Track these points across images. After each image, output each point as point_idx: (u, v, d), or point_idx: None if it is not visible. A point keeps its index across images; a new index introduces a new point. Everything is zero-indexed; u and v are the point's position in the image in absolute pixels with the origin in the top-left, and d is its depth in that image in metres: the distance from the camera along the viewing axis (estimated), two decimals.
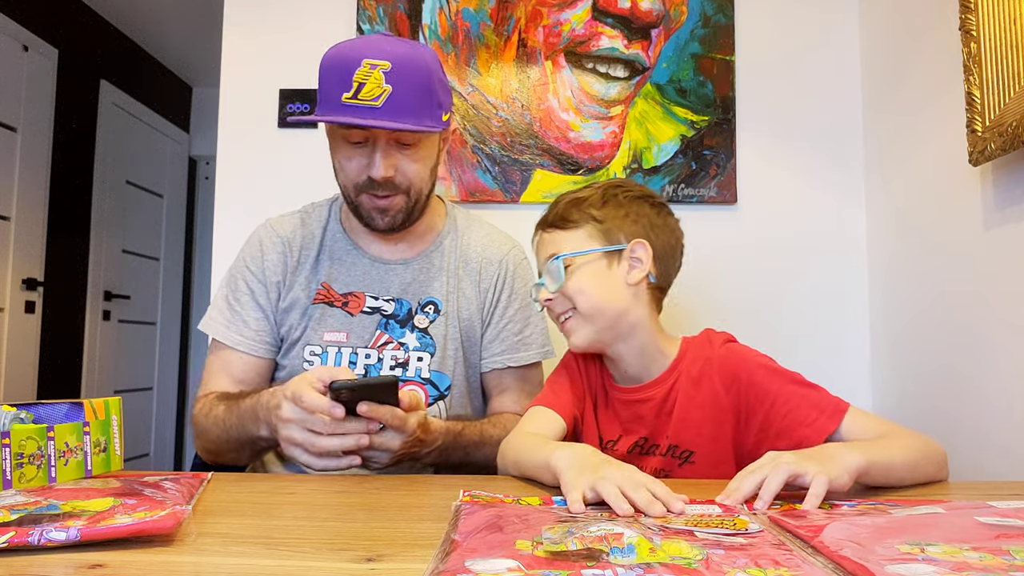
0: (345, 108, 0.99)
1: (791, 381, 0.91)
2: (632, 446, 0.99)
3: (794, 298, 1.67)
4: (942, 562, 0.47)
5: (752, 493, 0.68)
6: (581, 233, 0.98)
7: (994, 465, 1.15)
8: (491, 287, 1.18)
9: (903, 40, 1.49)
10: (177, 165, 4.19)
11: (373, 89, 0.98)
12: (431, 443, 0.97)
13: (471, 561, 0.47)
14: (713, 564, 0.47)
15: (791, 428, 0.87)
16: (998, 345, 1.16)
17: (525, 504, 0.67)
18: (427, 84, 1.02)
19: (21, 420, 0.73)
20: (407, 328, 1.12)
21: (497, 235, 1.24)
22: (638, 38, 1.70)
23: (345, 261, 1.15)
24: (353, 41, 1.03)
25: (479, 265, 1.19)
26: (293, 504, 0.73)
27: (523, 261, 1.23)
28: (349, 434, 0.87)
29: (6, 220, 2.81)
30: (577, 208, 0.99)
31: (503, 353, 1.17)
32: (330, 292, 1.13)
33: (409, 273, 1.15)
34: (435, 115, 1.04)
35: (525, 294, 1.20)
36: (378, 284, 1.14)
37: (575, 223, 0.99)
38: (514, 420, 1.10)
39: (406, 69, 1.00)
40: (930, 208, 1.37)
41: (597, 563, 0.47)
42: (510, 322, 1.18)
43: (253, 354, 1.12)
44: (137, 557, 0.51)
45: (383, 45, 1.01)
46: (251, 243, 1.18)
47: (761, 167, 1.69)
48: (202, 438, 1.06)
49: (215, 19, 1.86)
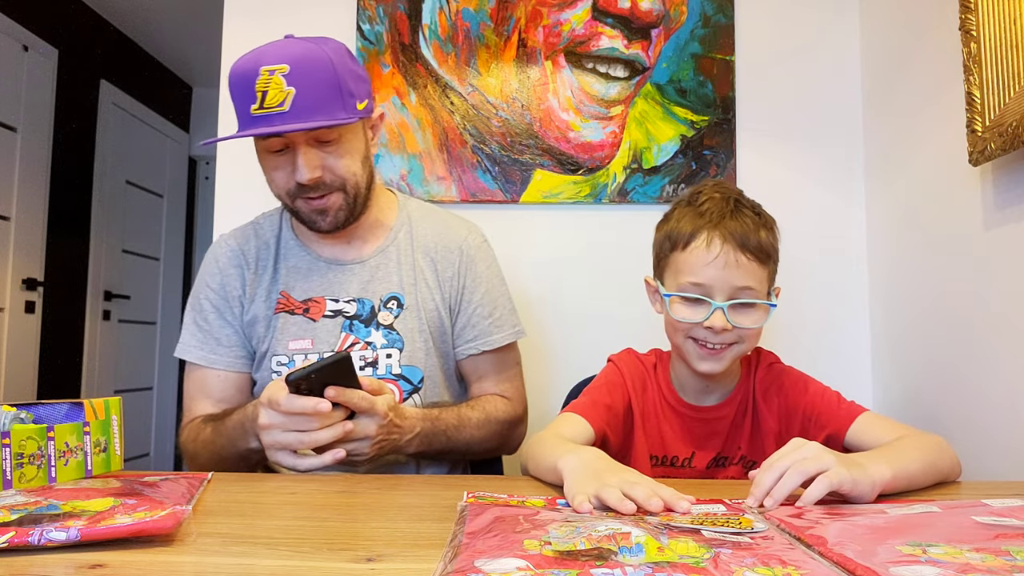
0: (255, 120, 0.98)
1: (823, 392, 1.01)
2: (710, 462, 1.03)
3: (794, 298, 1.67)
4: (945, 563, 0.47)
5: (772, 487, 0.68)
6: (767, 273, 0.97)
7: (995, 465, 1.15)
8: (454, 275, 1.17)
9: (903, 40, 1.49)
10: (177, 165, 4.19)
11: (276, 95, 0.97)
12: (409, 429, 0.98)
13: (480, 561, 0.47)
14: (721, 563, 0.47)
15: (820, 428, 0.96)
16: (998, 345, 1.16)
17: (530, 505, 0.67)
18: (331, 78, 1.00)
19: (21, 420, 0.73)
20: (372, 327, 1.12)
21: (453, 221, 1.22)
22: (638, 38, 1.70)
23: (300, 268, 1.14)
24: (252, 52, 1.02)
25: (437, 254, 1.17)
26: (293, 504, 0.72)
27: (482, 244, 1.22)
28: (333, 424, 0.87)
29: (6, 220, 2.81)
30: (772, 236, 0.98)
31: (476, 339, 1.16)
32: (289, 300, 1.12)
33: (366, 271, 1.14)
34: (348, 105, 1.02)
35: (488, 276, 1.19)
36: (336, 286, 1.13)
37: (769, 259, 0.97)
38: (495, 401, 1.13)
39: (305, 68, 0.98)
40: (930, 208, 1.37)
41: (606, 562, 0.47)
42: (478, 307, 1.17)
43: (230, 370, 1.12)
44: (137, 557, 0.51)
45: (280, 49, 1.00)
46: (207, 263, 1.17)
47: (761, 167, 1.69)
48: (194, 463, 1.06)
49: (215, 19, 1.86)
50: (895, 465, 0.74)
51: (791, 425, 1.01)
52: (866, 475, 0.70)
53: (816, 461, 0.69)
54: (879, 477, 0.71)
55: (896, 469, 0.74)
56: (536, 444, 0.90)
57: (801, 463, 0.69)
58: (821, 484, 0.67)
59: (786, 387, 1.02)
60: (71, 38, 3.21)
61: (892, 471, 0.73)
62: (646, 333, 1.22)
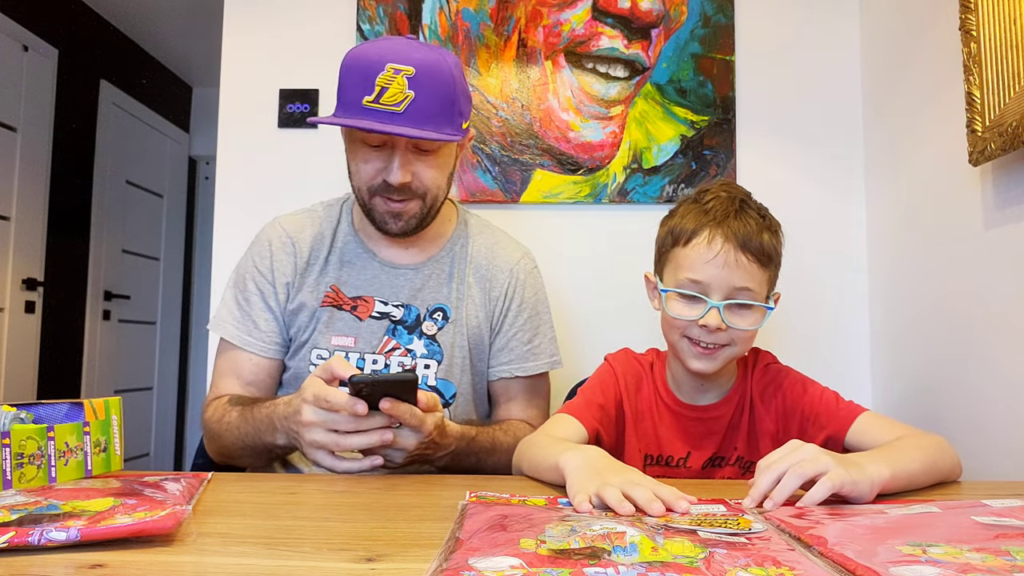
0: (366, 112, 0.98)
1: (822, 392, 1.00)
2: (706, 462, 1.03)
3: (794, 298, 1.67)
4: (946, 564, 0.47)
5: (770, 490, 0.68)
6: (768, 277, 0.97)
7: (995, 465, 1.15)
8: (501, 295, 1.16)
9: (903, 40, 1.49)
10: (177, 165, 4.19)
11: (396, 94, 0.97)
12: (445, 447, 0.96)
13: (474, 559, 0.47)
14: (715, 563, 0.47)
15: (819, 429, 0.96)
16: (998, 345, 1.16)
17: (531, 504, 0.67)
18: (450, 93, 1.01)
19: (21, 420, 0.73)
20: (415, 335, 1.11)
21: (508, 242, 1.22)
22: (638, 38, 1.70)
23: (355, 264, 1.14)
24: (377, 43, 1.02)
25: (489, 272, 1.17)
26: (293, 504, 0.72)
27: (533, 270, 1.22)
28: (372, 430, 0.86)
29: (6, 220, 2.80)
30: (776, 239, 0.98)
31: (512, 362, 1.16)
32: (339, 295, 1.12)
33: (419, 278, 1.14)
34: (455, 123, 1.03)
35: (535, 303, 1.19)
36: (388, 289, 1.13)
37: (771, 262, 0.97)
38: (524, 428, 1.10)
39: (430, 76, 0.99)
40: (930, 208, 1.37)
41: (599, 561, 0.47)
42: (519, 331, 1.17)
43: (264, 355, 1.11)
44: (137, 557, 0.51)
45: (408, 51, 0.99)
46: (260, 242, 1.16)
47: (761, 167, 1.69)
48: (215, 443, 1.06)
49: (215, 19, 1.86)
50: (894, 465, 0.74)
51: (789, 426, 1.01)
52: (864, 475, 0.70)
53: (815, 463, 0.69)
54: (877, 477, 0.71)
55: (895, 468, 0.74)
56: (530, 445, 0.90)
57: (799, 465, 0.69)
58: (823, 487, 0.67)
59: (784, 388, 1.02)
60: (71, 38, 3.21)
61: (891, 471, 0.73)
62: (646, 333, 1.22)
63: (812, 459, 0.69)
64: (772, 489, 0.68)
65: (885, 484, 0.72)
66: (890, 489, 0.73)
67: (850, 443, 0.93)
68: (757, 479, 0.70)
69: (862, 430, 0.92)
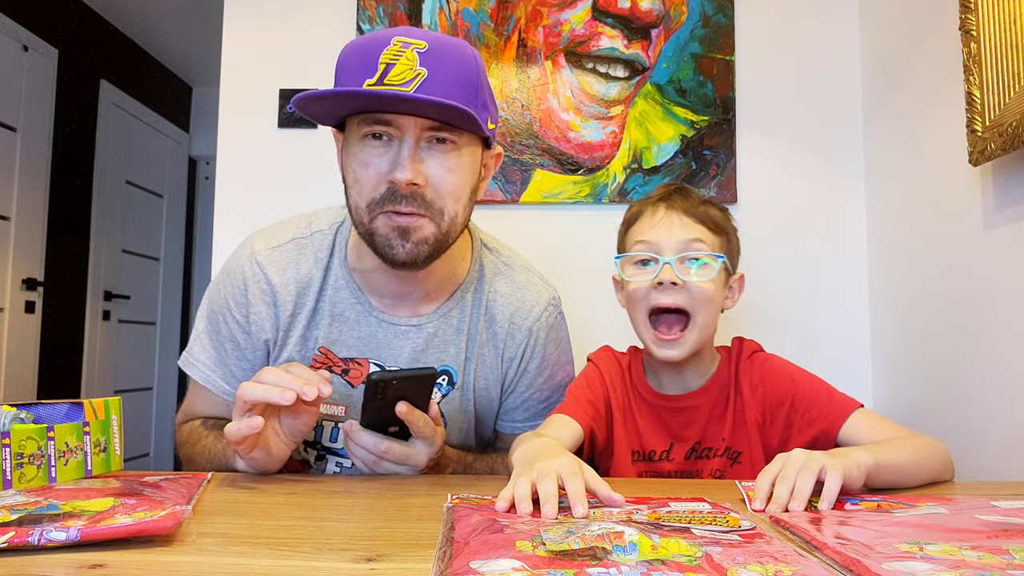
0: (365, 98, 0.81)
1: (811, 383, 0.98)
2: (688, 452, 1.01)
3: (794, 298, 1.67)
4: (939, 560, 0.47)
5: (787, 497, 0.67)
6: (720, 242, 0.99)
7: (995, 465, 1.15)
8: (517, 356, 1.03)
9: (903, 40, 1.49)
10: (177, 165, 4.19)
11: (403, 71, 0.79)
12: (443, 468, 0.94)
13: (475, 562, 0.47)
14: (714, 561, 0.47)
15: (809, 424, 0.95)
16: (998, 345, 1.16)
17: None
18: (472, 77, 0.83)
19: (21, 420, 0.73)
20: None
21: (530, 288, 1.05)
22: (638, 38, 1.70)
23: (348, 319, 0.97)
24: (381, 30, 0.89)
25: (505, 331, 1.02)
26: (293, 504, 0.72)
27: (555, 324, 1.07)
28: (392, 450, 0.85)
29: (6, 220, 2.81)
30: (724, 217, 1.02)
31: (526, 420, 1.06)
32: (329, 357, 0.97)
33: (422, 337, 0.98)
34: (481, 115, 0.83)
35: (557, 358, 1.08)
36: (385, 350, 0.97)
37: (719, 229, 0.99)
38: None
39: (445, 54, 0.81)
40: (930, 208, 1.37)
41: (601, 561, 0.47)
42: (537, 391, 1.06)
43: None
44: (137, 557, 0.51)
45: (420, 31, 0.84)
46: (233, 278, 0.99)
47: (761, 167, 1.69)
48: (189, 465, 1.00)
49: (215, 19, 1.86)
50: (878, 455, 0.75)
51: (776, 416, 0.98)
52: (852, 461, 0.71)
53: (815, 462, 0.69)
54: (862, 461, 0.72)
55: (879, 458, 0.74)
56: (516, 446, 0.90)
57: (804, 467, 0.69)
58: (834, 479, 0.67)
59: (769, 377, 1.00)
60: (71, 38, 3.21)
61: (875, 459, 0.74)
62: None
63: (810, 459, 0.70)
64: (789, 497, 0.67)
65: (869, 470, 0.72)
66: (875, 478, 0.74)
67: (843, 441, 0.91)
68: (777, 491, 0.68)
69: (855, 428, 0.91)
